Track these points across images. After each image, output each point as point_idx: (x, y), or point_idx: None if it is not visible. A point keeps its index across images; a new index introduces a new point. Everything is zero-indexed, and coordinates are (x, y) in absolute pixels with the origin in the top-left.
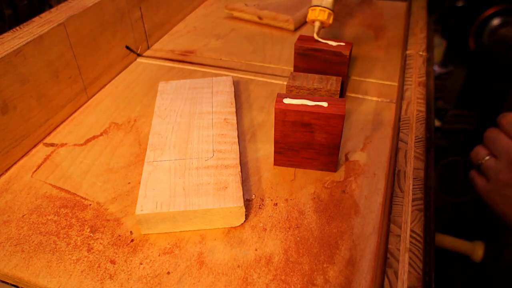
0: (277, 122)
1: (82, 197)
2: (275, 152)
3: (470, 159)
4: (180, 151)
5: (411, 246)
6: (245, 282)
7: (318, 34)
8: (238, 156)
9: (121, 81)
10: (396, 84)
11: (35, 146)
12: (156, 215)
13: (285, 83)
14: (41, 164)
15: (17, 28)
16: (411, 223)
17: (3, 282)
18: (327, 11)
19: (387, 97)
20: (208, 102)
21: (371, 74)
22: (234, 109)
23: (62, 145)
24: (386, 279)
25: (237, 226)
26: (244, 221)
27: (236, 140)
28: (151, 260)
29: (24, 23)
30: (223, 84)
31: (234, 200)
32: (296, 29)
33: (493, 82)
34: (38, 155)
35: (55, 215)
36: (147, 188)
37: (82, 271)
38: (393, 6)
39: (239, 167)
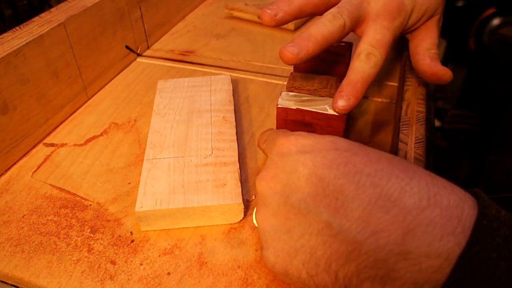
0: (278, 120)
1: (82, 198)
2: None
3: None
4: (179, 148)
5: None
6: (246, 283)
7: None
8: (237, 153)
9: (121, 81)
10: (396, 84)
11: (35, 146)
12: (156, 212)
13: (285, 83)
14: (41, 164)
15: (17, 28)
16: None
17: (3, 282)
18: None
19: (387, 97)
20: (207, 100)
21: None
22: (232, 107)
23: (62, 145)
24: None
25: (237, 227)
26: (243, 218)
27: (235, 137)
28: (151, 261)
29: (24, 23)
30: (222, 82)
31: (232, 196)
32: (296, 29)
33: (493, 82)
34: (38, 155)
35: (55, 215)
36: (147, 185)
37: (82, 272)
38: None
39: (238, 164)
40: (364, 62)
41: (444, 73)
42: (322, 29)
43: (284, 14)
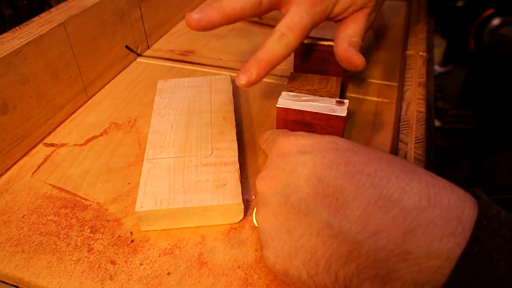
0: (278, 120)
1: (82, 198)
2: None
3: None
4: (179, 148)
5: None
6: (246, 283)
7: None
8: (237, 153)
9: (121, 81)
10: (396, 84)
11: (35, 146)
12: (156, 212)
13: (285, 83)
14: (41, 164)
15: (17, 28)
16: None
17: (3, 282)
18: None
19: (387, 97)
20: (207, 100)
21: (371, 74)
22: (232, 107)
23: (62, 145)
24: None
25: (237, 227)
26: (243, 218)
27: (235, 138)
28: (151, 261)
29: (24, 23)
30: (222, 83)
31: (233, 196)
32: None
33: (493, 82)
34: (38, 155)
35: (55, 215)
36: (147, 185)
37: (82, 272)
38: (393, 6)
39: (238, 164)
40: (275, 42)
41: (357, 58)
42: (234, 2)
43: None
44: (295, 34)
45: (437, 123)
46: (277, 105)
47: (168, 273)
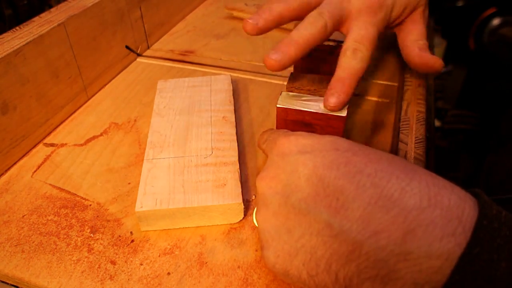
0: (278, 120)
1: (82, 198)
2: None
3: None
4: (179, 148)
5: None
6: (246, 283)
7: None
8: (237, 153)
9: (121, 81)
10: (396, 84)
11: (35, 146)
12: (156, 212)
13: (285, 83)
14: (41, 164)
15: (17, 28)
16: None
17: (3, 282)
18: None
19: (387, 97)
20: (207, 100)
21: (371, 74)
22: (232, 107)
23: (62, 145)
24: None
25: (237, 227)
26: (243, 218)
27: (235, 137)
28: (151, 261)
29: (24, 23)
30: (222, 83)
31: (233, 196)
32: None
33: (493, 83)
34: (38, 155)
35: (55, 215)
36: (147, 185)
37: (82, 272)
38: None
39: (238, 164)
40: (350, 58)
41: (435, 61)
42: (303, 32)
43: (265, 22)
44: (367, 46)
45: (437, 123)
46: (277, 105)
47: (168, 273)
